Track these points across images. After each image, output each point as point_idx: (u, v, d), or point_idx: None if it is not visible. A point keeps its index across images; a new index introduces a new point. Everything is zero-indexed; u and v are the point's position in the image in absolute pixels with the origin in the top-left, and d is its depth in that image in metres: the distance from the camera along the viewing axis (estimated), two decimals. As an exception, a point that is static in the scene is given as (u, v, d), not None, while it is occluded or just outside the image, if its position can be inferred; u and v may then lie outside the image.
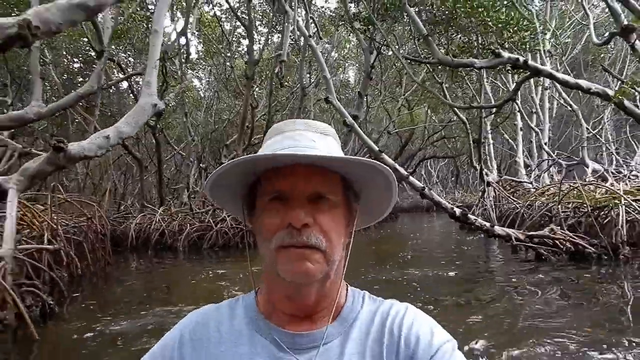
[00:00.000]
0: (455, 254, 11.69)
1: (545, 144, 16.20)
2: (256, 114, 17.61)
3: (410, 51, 15.58)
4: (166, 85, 14.57)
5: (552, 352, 4.30)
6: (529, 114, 17.78)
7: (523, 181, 16.13)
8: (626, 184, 10.52)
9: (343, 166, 0.79)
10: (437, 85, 15.19)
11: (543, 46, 11.16)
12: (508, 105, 12.24)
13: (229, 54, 18.93)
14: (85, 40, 13.61)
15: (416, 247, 13.80)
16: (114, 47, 14.31)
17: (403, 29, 15.51)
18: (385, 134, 23.13)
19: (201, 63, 21.69)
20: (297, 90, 17.20)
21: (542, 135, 16.44)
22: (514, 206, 12.99)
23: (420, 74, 17.52)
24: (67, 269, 7.88)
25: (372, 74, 12.08)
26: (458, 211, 8.18)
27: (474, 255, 11.40)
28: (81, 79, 16.64)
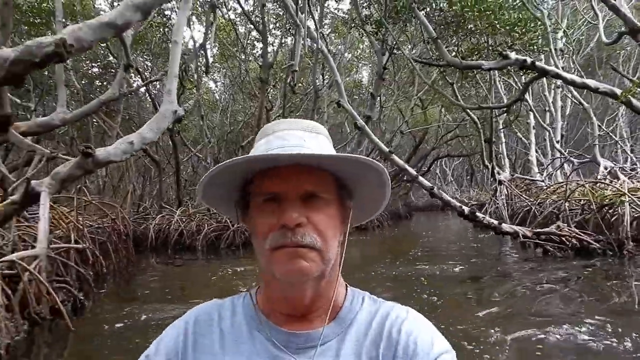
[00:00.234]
0: (465, 251, 11.88)
1: (558, 142, 16.21)
2: (271, 115, 17.90)
3: (422, 51, 15.74)
4: (183, 89, 14.95)
5: (558, 343, 4.51)
6: (542, 112, 17.78)
7: (536, 179, 16.19)
8: (637, 182, 10.59)
9: (334, 164, 0.79)
10: (449, 86, 15.33)
11: (554, 45, 11.25)
12: (518, 104, 12.35)
13: (243, 57, 19.25)
14: (104, 45, 14.01)
15: (428, 245, 13.98)
16: (132, 52, 14.73)
17: (415, 29, 15.65)
18: (398, 133, 23.22)
19: (216, 66, 22.05)
20: (311, 91, 17.47)
21: (555, 133, 16.46)
22: (526, 204, 13.10)
23: (433, 74, 17.61)
24: (92, 267, 8.25)
25: (384, 75, 12.32)
26: (466, 209, 8.41)
27: (485, 253, 11.58)
28: (99, 84, 17.10)
